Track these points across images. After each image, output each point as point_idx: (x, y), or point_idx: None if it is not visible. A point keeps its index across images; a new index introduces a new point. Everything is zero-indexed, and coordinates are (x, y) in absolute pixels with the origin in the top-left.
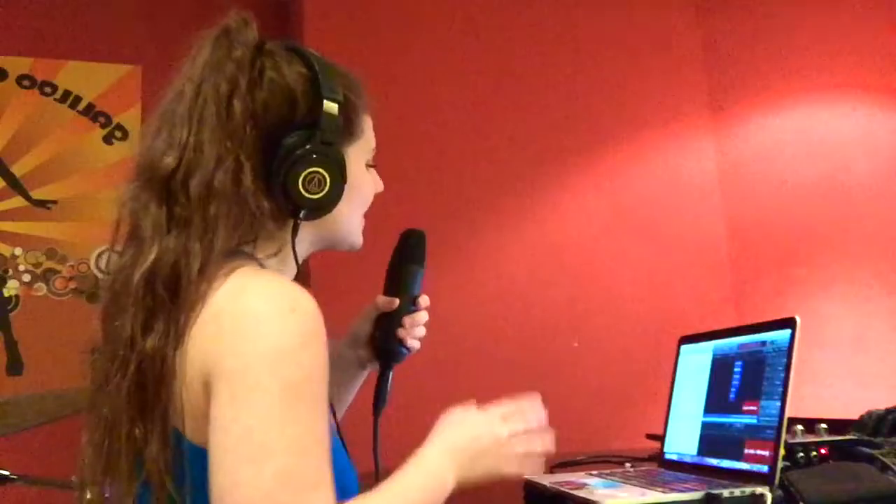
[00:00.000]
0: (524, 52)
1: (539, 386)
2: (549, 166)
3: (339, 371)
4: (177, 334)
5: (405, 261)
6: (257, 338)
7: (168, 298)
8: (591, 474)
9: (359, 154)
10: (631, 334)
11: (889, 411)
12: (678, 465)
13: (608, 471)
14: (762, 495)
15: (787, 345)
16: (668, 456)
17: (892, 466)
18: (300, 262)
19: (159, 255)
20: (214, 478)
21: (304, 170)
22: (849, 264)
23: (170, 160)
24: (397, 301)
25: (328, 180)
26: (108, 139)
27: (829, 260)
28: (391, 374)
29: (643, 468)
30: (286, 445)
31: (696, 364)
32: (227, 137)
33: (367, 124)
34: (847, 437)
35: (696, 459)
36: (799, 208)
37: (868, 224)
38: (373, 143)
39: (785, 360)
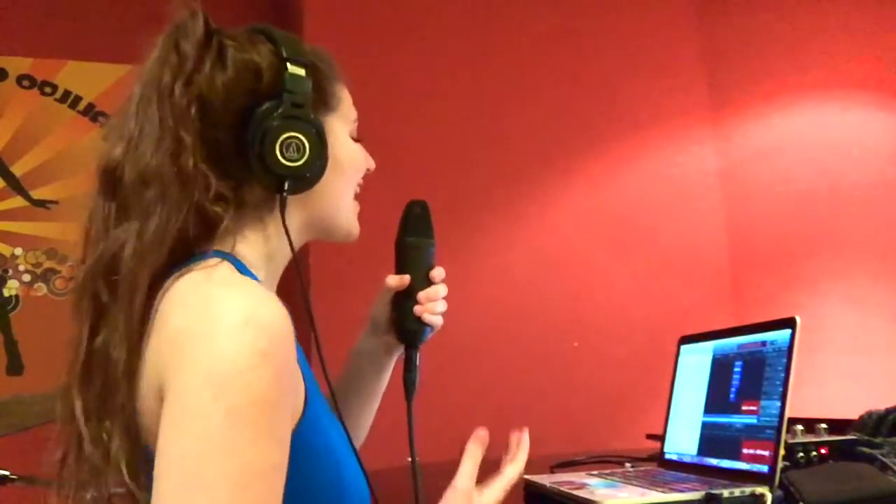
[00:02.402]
0: (524, 51)
1: (539, 386)
2: (548, 166)
3: (366, 363)
4: (124, 326)
5: (411, 234)
6: (203, 355)
7: (109, 294)
8: (591, 474)
9: (340, 125)
10: (631, 334)
11: (889, 411)
12: (678, 465)
13: (608, 471)
14: (762, 495)
15: (787, 345)
16: (667, 456)
17: (892, 466)
18: (293, 248)
19: (102, 250)
20: (152, 501)
21: (279, 135)
22: (849, 264)
23: (116, 153)
24: (408, 278)
25: (307, 144)
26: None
27: (830, 260)
28: (418, 355)
29: (643, 468)
30: (226, 478)
31: (696, 364)
32: (168, 119)
33: (343, 94)
34: (847, 437)
35: (697, 459)
36: (799, 208)
37: (868, 224)
38: (353, 115)
39: (785, 360)
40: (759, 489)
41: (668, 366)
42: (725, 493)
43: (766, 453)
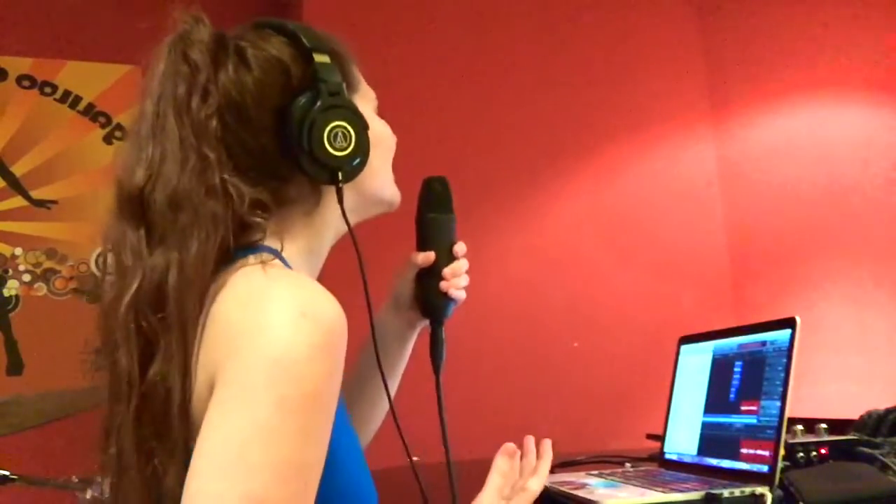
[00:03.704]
0: (526, 50)
1: (539, 386)
2: (549, 165)
3: (390, 339)
4: (180, 356)
5: (433, 210)
6: (259, 345)
7: (158, 321)
8: (591, 474)
9: (365, 104)
10: (631, 334)
11: (889, 411)
12: (678, 465)
13: (608, 471)
14: (762, 495)
15: (787, 345)
16: (667, 456)
17: (893, 466)
18: (352, 231)
19: (142, 279)
20: (187, 482)
21: (325, 127)
22: (848, 264)
23: (138, 178)
24: (433, 254)
25: (352, 131)
26: (108, 139)
27: (829, 260)
28: (443, 329)
29: (643, 468)
30: (265, 467)
31: (696, 364)
32: (189, 137)
33: (359, 74)
34: (847, 437)
35: (696, 459)
36: (799, 208)
37: (867, 224)
38: (372, 93)
39: (785, 360)
40: (760, 489)
41: (667, 366)
42: (725, 493)
43: (767, 453)
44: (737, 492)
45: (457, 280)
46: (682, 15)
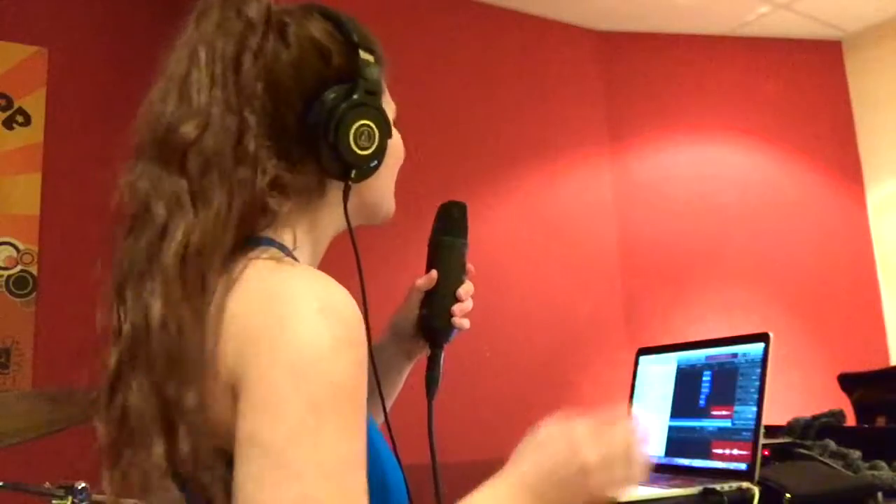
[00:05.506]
0: (458, 92)
1: (461, 391)
2: (472, 183)
3: (386, 368)
4: (194, 322)
5: (448, 233)
6: (281, 347)
7: (182, 283)
8: None
9: (388, 111)
10: (535, 340)
11: (815, 418)
12: None
13: None
14: (749, 489)
15: (760, 356)
16: None
17: (831, 464)
18: (352, 233)
19: (185, 233)
20: (235, 497)
21: (354, 122)
22: (722, 283)
23: (188, 129)
24: (435, 274)
25: (377, 134)
26: (8, 123)
27: (706, 279)
28: (442, 354)
29: None
30: (309, 468)
31: (659, 373)
32: (234, 97)
33: (385, 82)
34: (785, 440)
35: (666, 460)
36: (681, 231)
37: (741, 244)
38: (393, 104)
39: (759, 369)
40: (746, 484)
41: (571, 370)
42: (718, 487)
43: (745, 453)
44: (726, 486)
45: (469, 302)
46: (585, 56)
